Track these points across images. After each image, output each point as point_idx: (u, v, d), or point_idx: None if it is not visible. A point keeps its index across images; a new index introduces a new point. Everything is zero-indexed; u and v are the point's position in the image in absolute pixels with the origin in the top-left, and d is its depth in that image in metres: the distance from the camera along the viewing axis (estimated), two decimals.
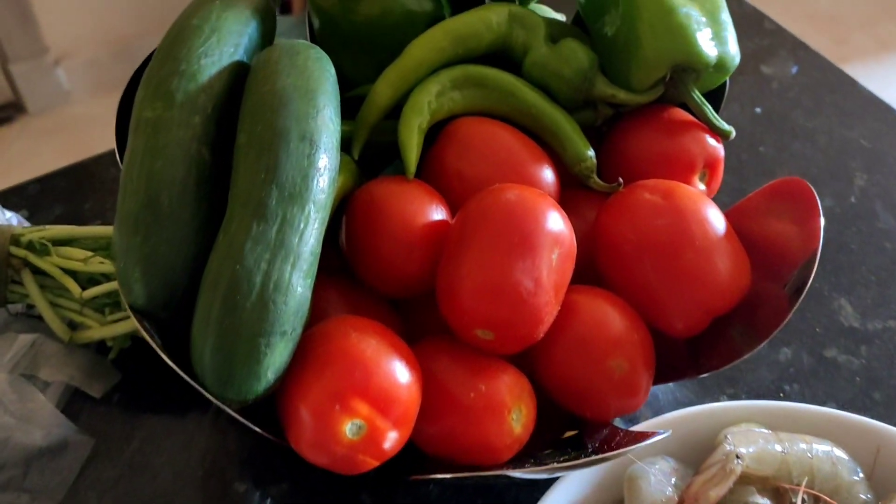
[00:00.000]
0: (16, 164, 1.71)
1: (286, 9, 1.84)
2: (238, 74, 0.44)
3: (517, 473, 0.38)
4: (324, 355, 0.38)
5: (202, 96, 0.42)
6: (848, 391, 0.53)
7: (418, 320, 0.47)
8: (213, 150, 0.41)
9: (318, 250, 0.39)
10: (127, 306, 0.39)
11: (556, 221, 0.41)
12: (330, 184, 0.40)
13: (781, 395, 0.53)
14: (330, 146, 0.40)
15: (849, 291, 0.58)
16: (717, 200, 0.61)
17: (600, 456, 0.38)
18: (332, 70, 0.44)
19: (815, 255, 0.44)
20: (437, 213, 0.45)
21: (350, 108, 0.51)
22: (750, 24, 0.76)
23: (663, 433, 0.39)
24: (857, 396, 0.53)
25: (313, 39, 0.55)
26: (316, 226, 0.39)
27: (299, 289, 0.37)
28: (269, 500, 0.47)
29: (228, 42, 0.45)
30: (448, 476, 0.39)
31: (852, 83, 0.71)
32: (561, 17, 0.59)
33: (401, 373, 0.38)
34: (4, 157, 1.73)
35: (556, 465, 0.39)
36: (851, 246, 0.61)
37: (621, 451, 0.38)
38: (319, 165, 0.39)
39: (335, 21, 0.52)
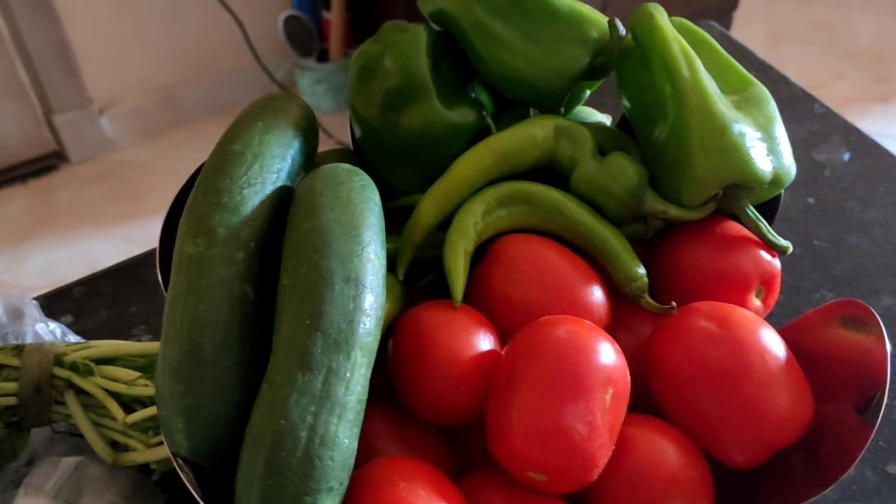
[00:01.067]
0: (62, 212, 1.74)
1: (323, 57, 1.86)
2: (282, 201, 0.44)
3: None
4: None
5: (245, 230, 0.41)
6: None
7: (471, 447, 0.46)
8: (256, 286, 0.41)
9: (365, 396, 0.38)
10: (170, 455, 0.38)
11: (608, 358, 0.40)
12: (376, 324, 0.39)
13: None
14: (375, 284, 0.40)
15: None
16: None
17: None
18: (377, 197, 0.44)
19: (884, 385, 0.42)
20: (485, 343, 0.43)
21: (392, 218, 0.51)
22: (801, 107, 0.74)
23: None
24: None
25: (352, 129, 0.54)
26: (363, 371, 0.38)
27: (346, 441, 0.36)
28: None
29: (272, 168, 0.44)
30: None
31: None
32: (606, 118, 0.58)
33: None
34: (50, 204, 1.76)
35: None
36: None
37: None
38: (365, 307, 0.38)
39: (376, 132, 0.52)
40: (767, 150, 0.47)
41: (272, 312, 0.40)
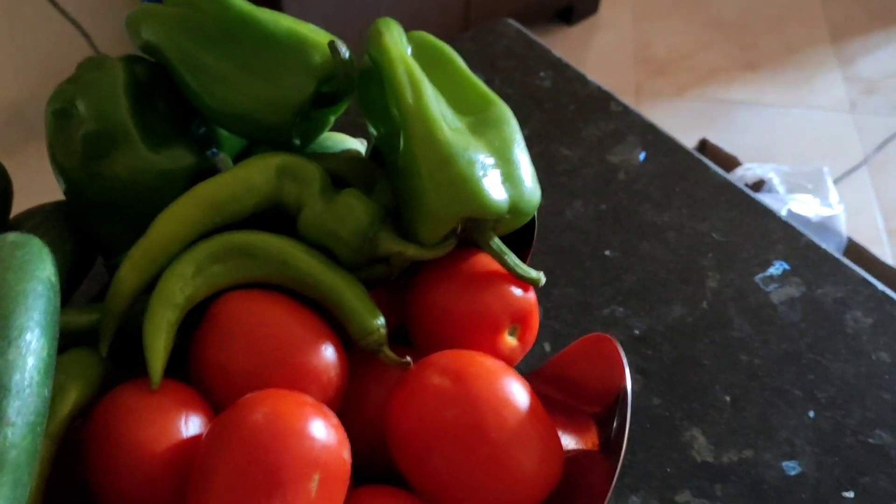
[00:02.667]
0: None
1: None
2: None
3: None
4: None
5: None
6: None
7: None
8: None
9: None
10: None
11: (316, 439, 0.35)
12: (26, 433, 0.33)
13: None
14: (25, 384, 0.33)
15: (702, 418, 0.53)
16: (560, 320, 0.56)
17: None
18: (45, 272, 0.37)
19: (625, 422, 0.39)
20: (190, 428, 0.38)
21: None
22: (594, 106, 0.71)
23: None
24: None
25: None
26: (5, 492, 0.32)
27: None
28: None
29: None
30: None
31: (704, 168, 0.67)
32: (361, 144, 0.53)
33: None
34: None
35: None
36: (704, 362, 0.56)
37: None
38: (8, 416, 0.32)
39: (81, 184, 0.45)
40: (503, 176, 0.43)
41: None
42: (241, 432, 0.35)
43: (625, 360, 0.40)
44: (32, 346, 0.34)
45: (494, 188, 0.42)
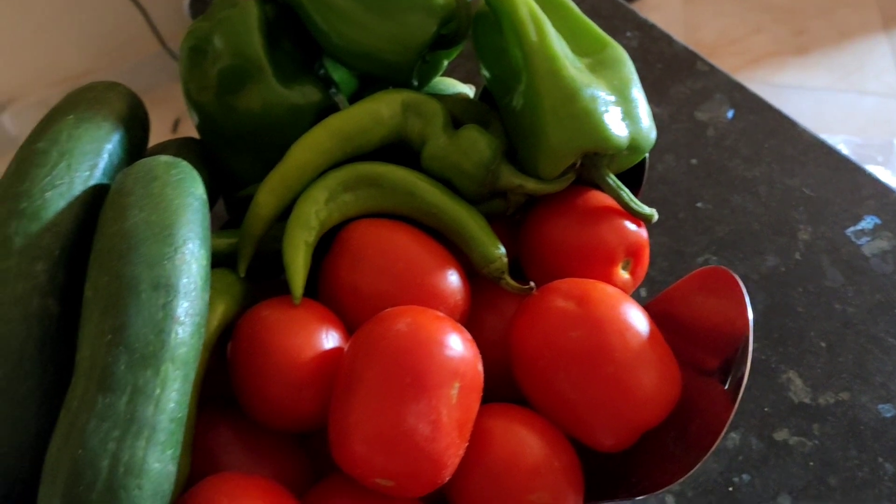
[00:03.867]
0: None
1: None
2: (94, 203, 0.40)
3: None
4: None
5: (47, 238, 0.37)
6: (801, 478, 0.49)
7: (324, 453, 0.43)
8: (62, 299, 0.37)
9: (183, 413, 0.34)
10: None
11: (455, 350, 0.37)
12: (194, 332, 0.35)
13: (731, 488, 0.49)
14: (192, 288, 0.36)
15: (798, 362, 0.54)
16: (655, 267, 0.57)
17: None
18: (198, 190, 0.40)
19: (747, 350, 0.40)
20: (330, 341, 0.40)
21: (242, 208, 0.47)
22: (681, 66, 0.72)
23: None
24: (812, 483, 0.49)
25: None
26: (176, 386, 0.34)
27: (157, 465, 0.33)
28: None
29: (82, 165, 0.40)
30: None
31: (792, 125, 0.68)
32: (469, 88, 0.55)
33: None
34: None
35: None
36: (798, 309, 0.57)
37: None
38: (178, 315, 0.35)
39: (214, 118, 0.48)
40: (623, 114, 0.44)
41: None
42: (386, 340, 0.37)
43: (744, 290, 0.41)
44: (195, 254, 0.37)
45: (615, 124, 0.43)
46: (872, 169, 1.10)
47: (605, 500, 0.42)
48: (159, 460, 0.33)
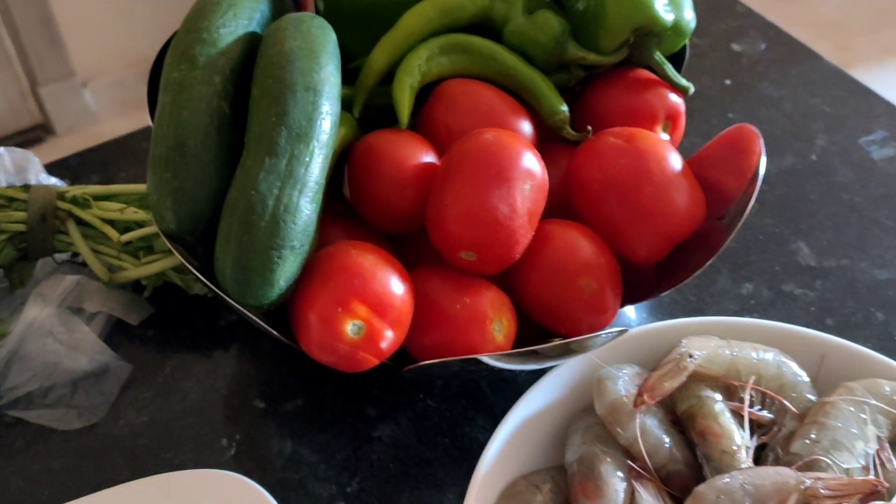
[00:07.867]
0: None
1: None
2: (252, 42, 0.51)
3: (490, 360, 0.44)
4: (328, 269, 0.45)
5: (221, 59, 0.49)
6: (802, 319, 0.59)
7: (412, 253, 0.54)
8: (231, 105, 0.48)
9: (323, 181, 0.46)
10: (160, 233, 0.46)
11: (528, 159, 0.48)
12: (332, 126, 0.47)
13: None
14: (332, 95, 0.47)
15: (807, 235, 0.64)
16: (685, 153, 0.67)
17: (565, 342, 0.44)
18: (334, 36, 0.51)
19: (756, 180, 0.50)
20: (427, 157, 0.51)
21: (351, 78, 0.58)
22: (722, 7, 0.82)
23: (621, 329, 0.45)
24: (811, 323, 0.58)
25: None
26: (320, 160, 0.46)
27: (306, 211, 0.44)
28: (284, 414, 0.53)
29: (243, 15, 0.52)
30: (434, 362, 0.45)
31: (818, 58, 0.78)
32: None
33: (395, 282, 0.45)
34: None
35: (523, 351, 0.45)
36: (811, 197, 0.66)
37: (584, 336, 0.44)
38: (322, 110, 0.46)
39: (339, 2, 0.59)
40: (669, 1, 0.55)
41: (244, 126, 0.47)
42: (478, 145, 0.48)
43: (762, 143, 0.51)
44: (333, 73, 0.48)
45: (662, 6, 0.54)
46: None
47: (639, 300, 0.52)
48: (307, 208, 0.44)
